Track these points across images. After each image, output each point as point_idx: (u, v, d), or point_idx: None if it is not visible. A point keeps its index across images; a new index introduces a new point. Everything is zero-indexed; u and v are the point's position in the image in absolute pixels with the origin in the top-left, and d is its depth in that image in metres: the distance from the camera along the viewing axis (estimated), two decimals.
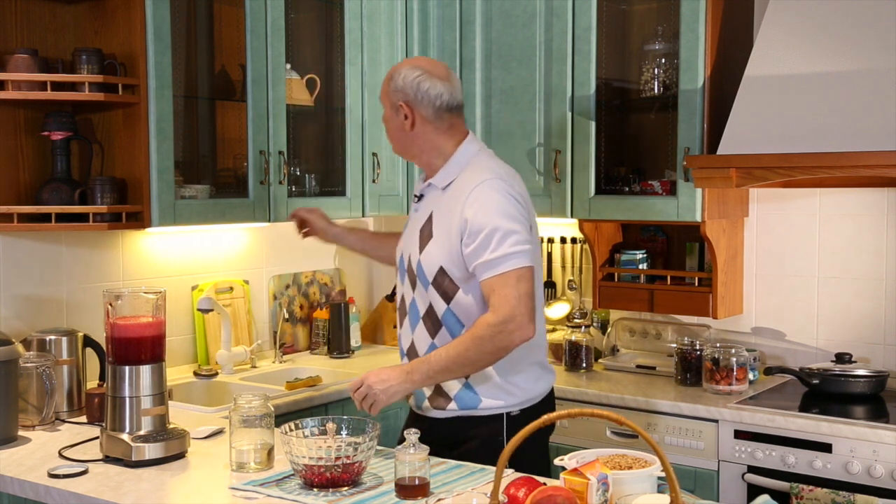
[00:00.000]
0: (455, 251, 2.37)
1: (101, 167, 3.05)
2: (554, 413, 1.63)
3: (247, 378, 3.34)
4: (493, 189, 2.36)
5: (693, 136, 3.18)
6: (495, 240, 2.31)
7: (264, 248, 3.73)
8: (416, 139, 2.48)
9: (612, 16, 3.50)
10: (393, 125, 2.51)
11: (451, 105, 2.47)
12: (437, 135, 2.47)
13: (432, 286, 2.42)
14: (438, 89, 2.44)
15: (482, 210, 2.33)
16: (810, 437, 2.79)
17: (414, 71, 2.45)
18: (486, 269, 2.32)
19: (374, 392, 2.36)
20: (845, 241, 3.32)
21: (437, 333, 2.45)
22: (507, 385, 2.44)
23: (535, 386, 2.51)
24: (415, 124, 2.46)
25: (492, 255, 2.31)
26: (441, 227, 2.42)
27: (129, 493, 2.07)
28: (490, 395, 2.44)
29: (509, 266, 2.31)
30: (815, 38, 2.97)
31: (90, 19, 3.04)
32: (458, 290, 2.40)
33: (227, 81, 3.39)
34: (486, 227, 2.31)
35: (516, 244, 2.32)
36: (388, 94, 2.49)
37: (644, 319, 3.67)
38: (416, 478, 2.00)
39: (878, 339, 3.27)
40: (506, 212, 2.34)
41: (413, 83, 2.44)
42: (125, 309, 2.30)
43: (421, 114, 2.45)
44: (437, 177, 2.49)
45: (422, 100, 2.44)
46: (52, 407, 2.62)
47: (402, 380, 2.36)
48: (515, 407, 2.46)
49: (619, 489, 1.82)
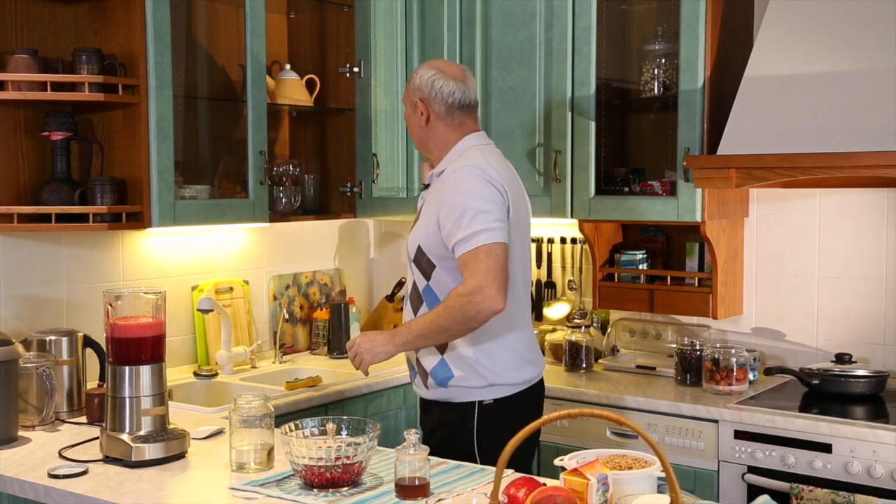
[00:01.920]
0: (432, 231, 2.52)
1: (101, 167, 3.05)
2: (554, 413, 1.63)
3: (247, 378, 3.34)
4: (467, 174, 2.51)
5: (693, 136, 3.18)
6: (466, 218, 2.44)
7: (264, 249, 3.73)
8: (430, 134, 2.66)
9: (612, 16, 3.50)
10: (412, 122, 2.69)
11: (464, 103, 2.63)
12: (449, 131, 2.64)
13: (413, 264, 2.60)
14: (451, 87, 2.61)
15: (456, 192, 2.48)
16: (810, 437, 2.78)
17: (429, 70, 2.64)
18: (460, 247, 2.45)
19: (361, 351, 2.59)
20: (845, 241, 3.32)
21: (419, 310, 2.59)
22: (478, 366, 2.54)
23: (513, 375, 2.58)
24: (430, 120, 2.64)
25: (465, 233, 2.44)
26: (427, 210, 2.59)
27: (129, 493, 2.07)
28: (461, 372, 2.55)
29: (479, 242, 2.43)
30: (815, 38, 2.97)
31: (90, 19, 3.04)
32: (436, 267, 2.55)
33: (227, 81, 3.39)
34: (458, 207, 2.46)
35: (487, 222, 2.44)
36: (409, 93, 2.68)
37: (644, 320, 3.67)
38: (416, 478, 2.00)
39: (878, 339, 3.27)
40: (477, 193, 2.47)
41: (428, 81, 2.62)
42: (125, 309, 2.30)
43: (434, 110, 2.62)
44: (438, 166, 2.66)
45: (435, 96, 2.61)
46: (52, 407, 2.62)
47: (385, 341, 2.57)
48: (487, 395, 2.55)
49: (619, 489, 1.82)
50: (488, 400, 2.55)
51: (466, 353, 2.54)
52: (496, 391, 2.55)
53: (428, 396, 2.64)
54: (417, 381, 2.66)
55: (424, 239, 2.55)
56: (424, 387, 2.63)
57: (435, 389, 2.59)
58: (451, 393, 2.57)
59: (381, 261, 4.21)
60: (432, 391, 2.60)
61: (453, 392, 2.57)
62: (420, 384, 2.65)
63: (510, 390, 2.57)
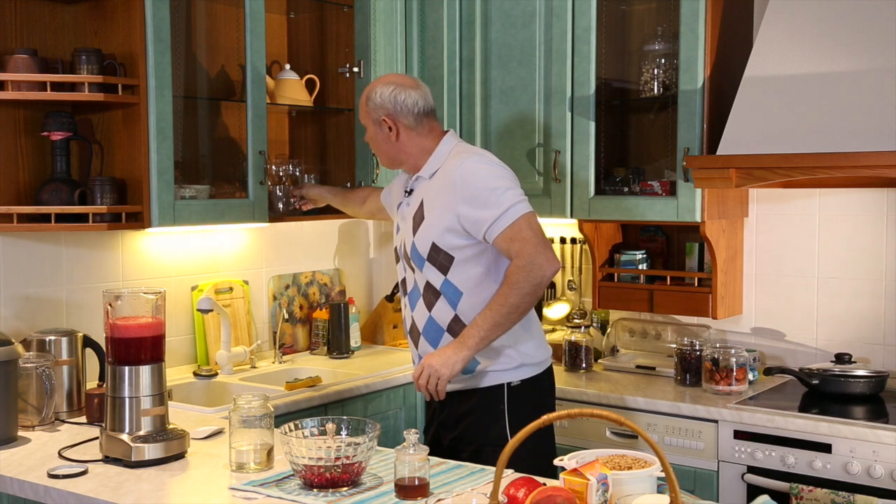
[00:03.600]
0: (446, 226, 2.54)
1: (100, 167, 3.05)
2: (554, 413, 1.63)
3: (246, 378, 3.34)
4: (477, 161, 2.57)
5: (693, 136, 3.18)
6: (494, 198, 2.50)
7: (264, 249, 3.73)
8: (402, 147, 2.69)
9: (612, 16, 3.50)
10: (379, 139, 2.71)
11: (427, 110, 2.68)
12: (421, 138, 2.68)
13: (427, 262, 2.59)
14: (413, 98, 2.66)
15: (473, 181, 2.53)
16: (810, 437, 2.79)
17: (387, 87, 2.66)
18: (496, 226, 2.49)
19: (435, 370, 2.51)
20: (845, 241, 3.32)
21: (435, 305, 2.61)
22: (504, 349, 2.59)
23: (538, 354, 2.66)
24: (399, 134, 2.67)
25: (498, 212, 2.49)
26: (432, 208, 2.59)
27: (129, 493, 2.07)
28: (486, 358, 2.58)
29: (515, 215, 2.49)
30: (815, 38, 2.97)
31: (90, 19, 3.04)
32: (454, 259, 2.57)
33: (227, 81, 3.39)
34: (482, 192, 2.51)
35: (515, 197, 2.52)
36: (369, 113, 2.70)
37: (644, 320, 3.67)
38: (416, 478, 2.00)
39: (878, 339, 3.27)
40: (495, 174, 2.55)
41: (390, 97, 2.65)
42: (125, 309, 2.30)
43: (403, 123, 2.66)
44: (423, 169, 2.68)
45: (401, 110, 2.65)
46: (51, 407, 2.62)
47: (457, 350, 2.51)
48: (516, 375, 2.60)
49: (619, 489, 1.82)
50: (516, 381, 2.61)
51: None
52: (524, 371, 2.62)
53: (448, 389, 2.60)
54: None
55: (438, 235, 2.56)
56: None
57: (458, 381, 2.60)
58: (477, 380, 2.60)
59: (381, 261, 4.21)
60: (454, 383, 2.59)
61: (479, 378, 2.60)
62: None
63: (536, 370, 2.65)
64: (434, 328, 2.63)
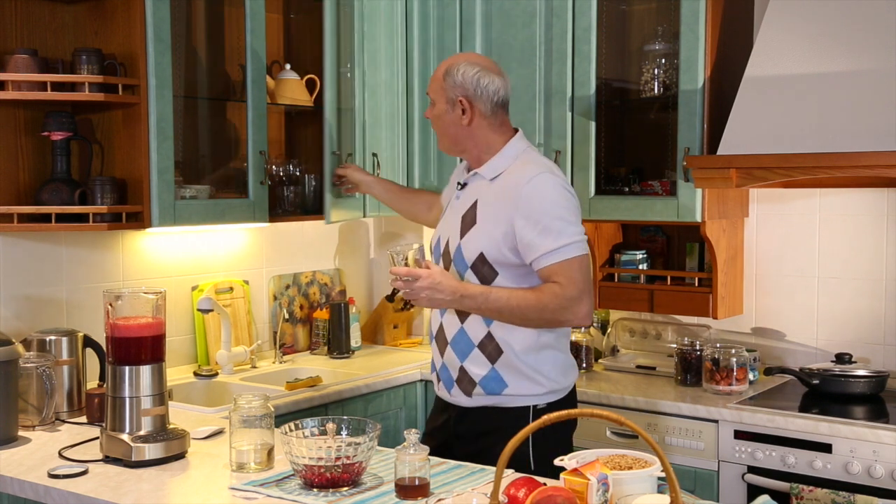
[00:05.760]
0: (500, 239, 2.42)
1: (100, 167, 3.05)
2: (554, 413, 1.63)
3: (247, 378, 3.34)
4: (547, 182, 2.42)
5: (693, 136, 3.18)
6: (556, 228, 2.37)
7: (264, 248, 3.73)
8: (471, 133, 2.53)
9: (612, 16, 3.50)
10: (448, 120, 2.54)
11: (505, 101, 2.54)
12: (491, 130, 2.53)
13: (471, 270, 2.47)
14: (496, 85, 2.50)
15: (542, 202, 2.39)
16: (810, 437, 2.78)
17: (472, 67, 2.50)
18: (548, 257, 2.38)
19: (421, 288, 2.40)
20: (845, 241, 3.32)
21: (469, 316, 2.48)
22: (535, 375, 2.48)
23: (563, 379, 2.54)
24: (473, 120, 2.51)
25: (554, 245, 2.37)
26: (486, 215, 2.46)
27: (129, 493, 2.07)
28: (516, 382, 2.47)
29: (571, 253, 2.38)
30: (815, 39, 2.97)
31: (90, 19, 3.04)
32: (497, 275, 2.44)
33: (227, 81, 3.39)
34: (544, 217, 2.38)
35: (575, 234, 2.40)
36: (445, 90, 2.52)
37: (644, 320, 3.67)
38: (416, 478, 2.00)
39: (878, 339, 3.27)
40: (562, 204, 2.41)
41: (473, 79, 2.48)
42: (125, 309, 2.30)
43: (479, 109, 2.50)
44: (484, 167, 2.53)
45: (481, 95, 2.49)
46: (52, 407, 2.62)
47: (452, 292, 2.42)
48: (542, 400, 2.50)
49: (619, 489, 1.82)
50: (542, 405, 2.49)
51: (518, 364, 2.46)
52: (551, 396, 2.51)
53: (469, 404, 2.51)
54: (455, 389, 2.53)
55: (488, 246, 2.43)
56: (465, 395, 2.51)
57: (482, 397, 2.49)
58: (502, 399, 2.49)
59: (381, 261, 4.21)
60: (477, 399, 2.50)
61: (505, 399, 2.48)
62: (459, 392, 2.52)
63: (561, 395, 2.54)
64: (465, 341, 2.50)
